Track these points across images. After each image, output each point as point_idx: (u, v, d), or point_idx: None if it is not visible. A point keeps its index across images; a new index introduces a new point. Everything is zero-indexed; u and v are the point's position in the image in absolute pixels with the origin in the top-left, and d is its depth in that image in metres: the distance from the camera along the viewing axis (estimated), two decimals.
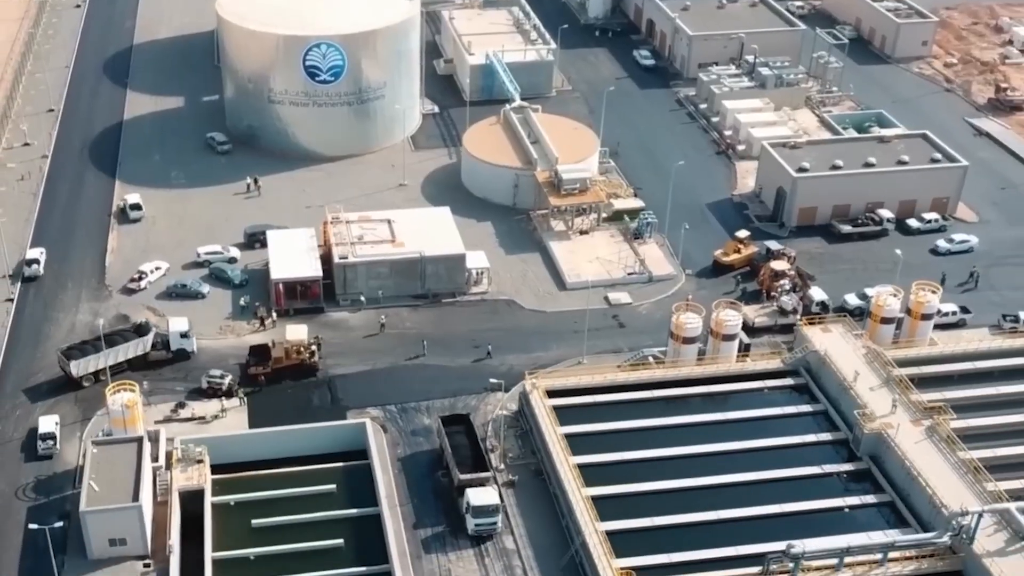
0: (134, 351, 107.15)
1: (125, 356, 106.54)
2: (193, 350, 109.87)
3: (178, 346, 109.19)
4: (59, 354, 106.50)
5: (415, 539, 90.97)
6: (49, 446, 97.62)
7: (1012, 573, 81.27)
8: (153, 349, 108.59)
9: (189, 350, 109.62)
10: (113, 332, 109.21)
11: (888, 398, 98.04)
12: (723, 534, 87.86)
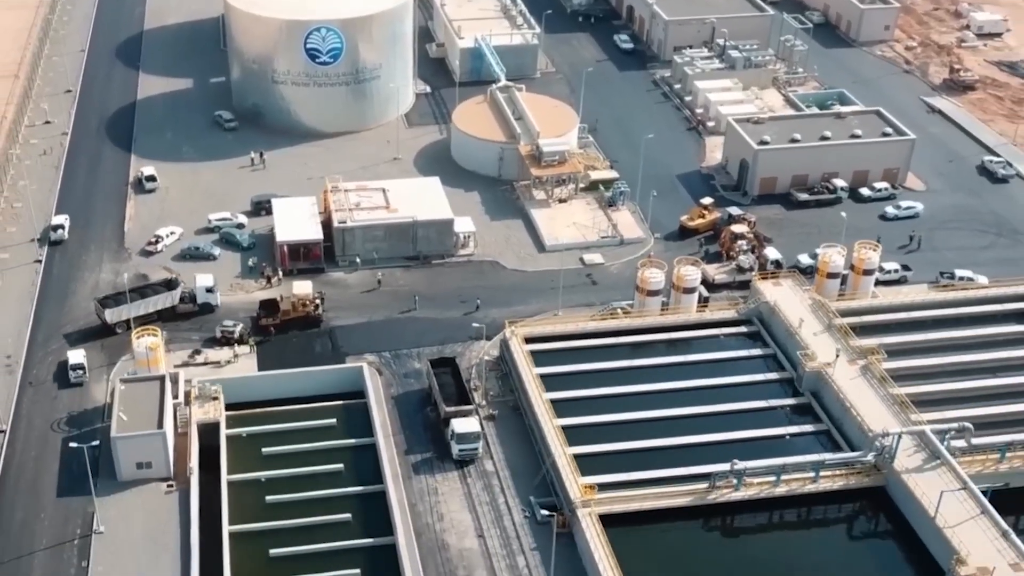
0: (163, 303, 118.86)
1: (155, 307, 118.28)
2: (217, 304, 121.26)
3: (204, 300, 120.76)
4: (95, 303, 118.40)
5: (406, 463, 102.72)
6: (79, 375, 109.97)
7: (927, 487, 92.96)
8: (181, 302, 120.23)
9: (214, 304, 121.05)
10: (144, 285, 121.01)
11: (829, 342, 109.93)
12: (677, 457, 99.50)
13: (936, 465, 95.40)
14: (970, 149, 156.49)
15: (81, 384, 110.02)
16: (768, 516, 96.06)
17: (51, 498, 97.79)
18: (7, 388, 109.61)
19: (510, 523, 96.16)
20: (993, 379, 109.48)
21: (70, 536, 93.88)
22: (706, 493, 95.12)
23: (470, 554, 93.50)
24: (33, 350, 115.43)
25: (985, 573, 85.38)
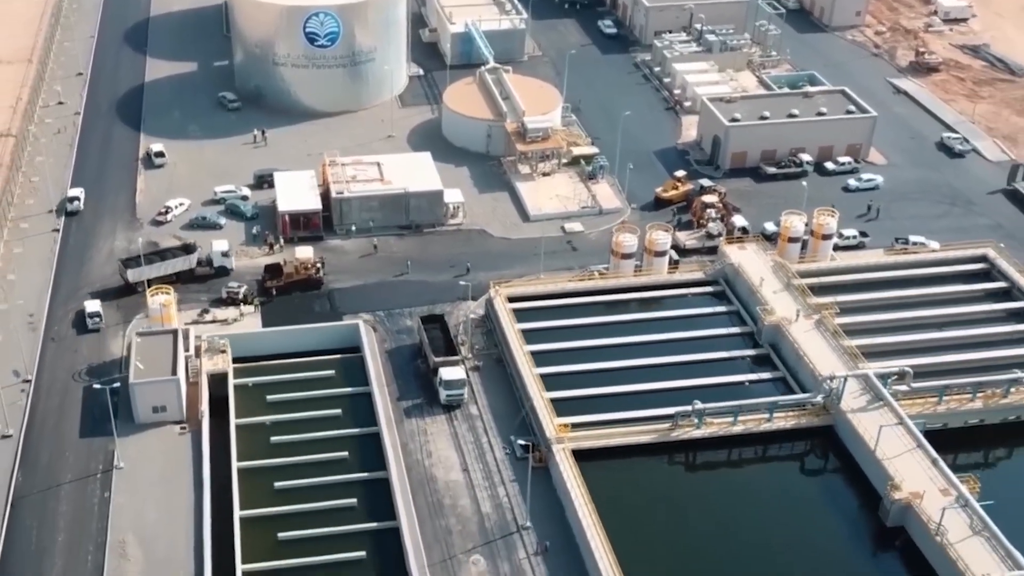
0: (182, 266, 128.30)
1: (174, 270, 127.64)
2: (232, 267, 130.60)
3: (220, 263, 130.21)
4: (119, 263, 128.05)
5: (398, 409, 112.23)
6: (96, 322, 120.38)
7: (869, 425, 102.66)
8: (198, 265, 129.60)
9: (228, 267, 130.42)
10: (164, 249, 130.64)
11: (788, 300, 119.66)
12: (645, 401, 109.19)
13: (878, 406, 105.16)
14: (931, 127, 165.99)
15: (98, 330, 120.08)
16: (727, 452, 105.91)
17: (74, 439, 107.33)
18: (31, 343, 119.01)
19: (492, 459, 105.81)
20: (939, 333, 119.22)
21: (93, 471, 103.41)
22: (669, 431, 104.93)
23: (455, 485, 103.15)
24: (54, 309, 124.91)
25: (916, 496, 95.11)
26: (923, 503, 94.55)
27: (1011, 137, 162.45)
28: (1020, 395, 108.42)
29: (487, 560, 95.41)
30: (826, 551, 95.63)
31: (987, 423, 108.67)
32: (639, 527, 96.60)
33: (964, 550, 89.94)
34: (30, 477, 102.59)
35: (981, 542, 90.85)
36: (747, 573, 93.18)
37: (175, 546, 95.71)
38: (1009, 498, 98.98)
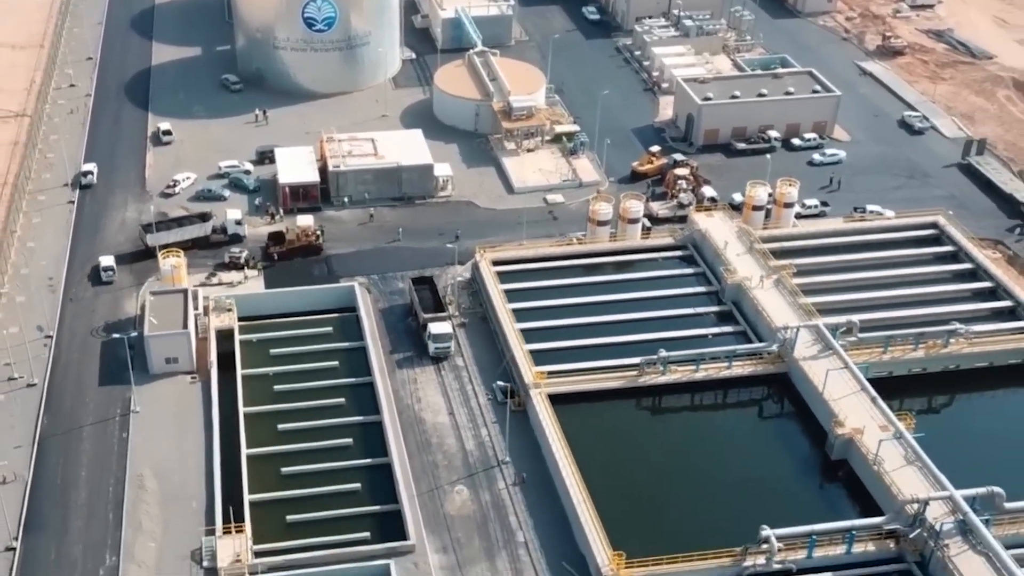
0: (198, 232, 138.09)
1: (190, 236, 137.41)
2: (245, 235, 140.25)
3: (234, 231, 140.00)
4: (140, 228, 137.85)
5: (391, 361, 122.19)
6: (110, 275, 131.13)
7: (818, 370, 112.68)
8: (213, 232, 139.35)
9: (242, 234, 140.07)
10: (182, 217, 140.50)
11: (750, 261, 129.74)
12: (616, 352, 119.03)
13: (828, 354, 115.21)
14: (894, 106, 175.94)
15: (111, 283, 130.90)
16: (689, 397, 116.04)
17: (94, 387, 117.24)
18: (51, 303, 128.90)
19: (475, 404, 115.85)
20: (889, 291, 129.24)
21: (112, 415, 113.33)
22: (637, 377, 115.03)
23: (442, 427, 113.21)
24: (71, 273, 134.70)
25: (857, 432, 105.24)
26: (863, 437, 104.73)
27: (968, 115, 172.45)
28: (959, 345, 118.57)
29: (470, 490, 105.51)
30: (778, 482, 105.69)
31: (929, 371, 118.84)
32: (607, 462, 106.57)
33: (897, 477, 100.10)
34: (54, 420, 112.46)
35: (913, 470, 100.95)
36: (706, 503, 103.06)
37: (188, 479, 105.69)
38: (942, 433, 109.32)
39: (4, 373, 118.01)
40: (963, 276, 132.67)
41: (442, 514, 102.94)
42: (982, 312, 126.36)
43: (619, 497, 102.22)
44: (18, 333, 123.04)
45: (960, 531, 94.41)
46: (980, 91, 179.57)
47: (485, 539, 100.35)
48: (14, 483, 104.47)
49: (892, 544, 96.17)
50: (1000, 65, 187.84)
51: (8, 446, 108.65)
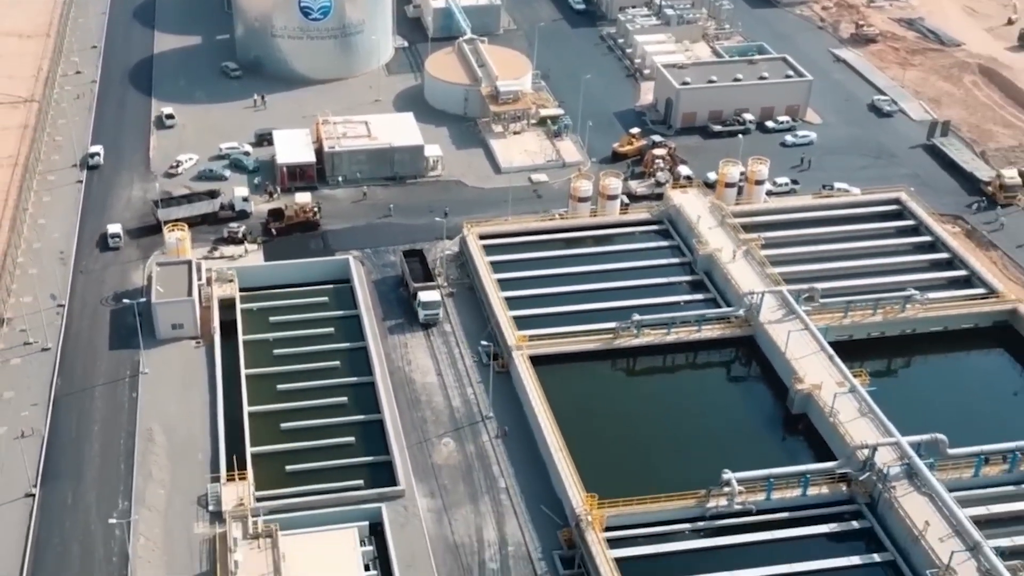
0: (207, 208, 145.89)
1: (199, 211, 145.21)
2: (251, 211, 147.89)
3: (241, 207, 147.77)
4: (152, 204, 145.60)
5: (383, 327, 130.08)
6: (116, 241, 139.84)
7: (781, 332, 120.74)
8: (221, 209, 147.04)
9: (248, 211, 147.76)
10: (192, 194, 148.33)
11: (721, 234, 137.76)
12: (593, 318, 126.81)
13: (791, 318, 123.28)
14: (864, 91, 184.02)
15: (117, 248, 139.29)
16: (661, 358, 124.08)
17: (104, 351, 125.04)
18: (63, 274, 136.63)
19: (462, 366, 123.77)
20: (852, 262, 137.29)
21: (122, 376, 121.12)
22: (612, 339, 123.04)
23: (430, 386, 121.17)
24: (81, 247, 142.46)
25: (816, 387, 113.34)
26: (821, 392, 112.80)
27: (935, 99, 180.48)
28: (915, 311, 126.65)
29: (456, 442, 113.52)
30: (742, 434, 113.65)
31: (887, 335, 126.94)
32: (583, 417, 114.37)
33: (850, 427, 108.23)
34: (68, 381, 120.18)
35: (865, 421, 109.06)
36: (674, 453, 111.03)
37: (194, 433, 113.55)
38: (895, 389, 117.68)
39: (20, 338, 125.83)
40: (922, 248, 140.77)
41: (430, 464, 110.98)
42: (938, 281, 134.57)
43: (594, 448, 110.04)
44: (32, 302, 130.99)
45: (906, 474, 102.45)
46: (947, 77, 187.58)
47: (469, 485, 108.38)
48: (32, 437, 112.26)
49: (844, 487, 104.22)
50: (967, 52, 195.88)
51: (25, 403, 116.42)
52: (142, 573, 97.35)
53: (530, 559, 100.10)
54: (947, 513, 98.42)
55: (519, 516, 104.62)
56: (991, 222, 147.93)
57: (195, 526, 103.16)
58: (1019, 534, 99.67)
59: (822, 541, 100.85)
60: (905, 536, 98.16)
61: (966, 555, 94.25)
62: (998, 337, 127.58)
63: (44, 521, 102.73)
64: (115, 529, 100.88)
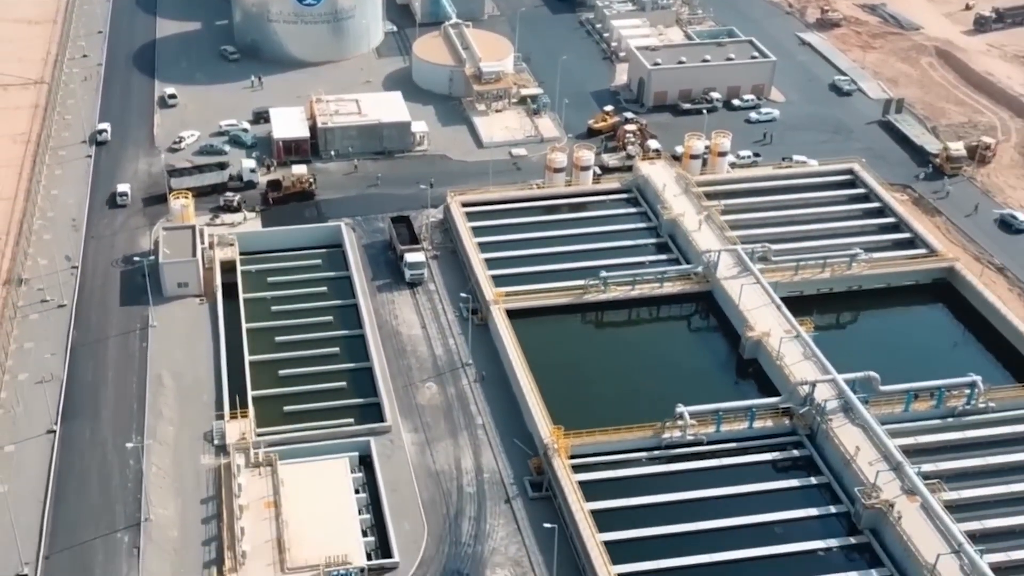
0: (217, 179, 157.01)
1: (210, 182, 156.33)
2: (258, 182, 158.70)
3: (248, 178, 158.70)
4: (166, 173, 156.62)
5: (372, 287, 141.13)
6: (124, 199, 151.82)
7: (735, 287, 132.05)
8: (230, 179, 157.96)
9: (255, 181, 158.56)
10: (203, 165, 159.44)
11: (685, 201, 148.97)
12: (566, 276, 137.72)
13: (745, 274, 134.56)
14: (827, 72, 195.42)
15: (125, 206, 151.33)
16: (627, 312, 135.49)
17: (116, 307, 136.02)
18: (75, 240, 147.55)
19: (444, 321, 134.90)
20: (806, 226, 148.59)
21: (133, 329, 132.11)
22: (582, 294, 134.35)
23: (416, 338, 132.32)
24: (92, 215, 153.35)
25: (765, 335, 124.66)
26: (769, 339, 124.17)
27: (893, 80, 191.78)
28: (860, 268, 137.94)
29: (438, 386, 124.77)
30: (698, 377, 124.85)
31: (835, 291, 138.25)
32: (554, 363, 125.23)
33: (794, 368, 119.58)
34: (83, 334, 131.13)
35: (808, 363, 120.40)
36: (636, 394, 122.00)
37: (200, 378, 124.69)
38: (838, 338, 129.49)
39: (37, 296, 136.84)
40: (871, 213, 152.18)
41: (414, 404, 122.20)
42: (885, 243, 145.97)
43: (562, 389, 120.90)
44: (48, 264, 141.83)
45: (842, 408, 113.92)
46: (905, 59, 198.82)
47: (450, 423, 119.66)
48: (51, 382, 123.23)
49: (787, 420, 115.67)
50: (926, 36, 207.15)
51: (44, 352, 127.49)
52: (155, 496, 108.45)
53: (503, 484, 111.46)
54: (876, 441, 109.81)
55: (494, 448, 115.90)
56: (938, 191, 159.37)
57: (202, 458, 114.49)
58: (943, 460, 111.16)
59: (766, 468, 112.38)
60: (839, 461, 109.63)
61: (890, 475, 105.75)
62: (937, 292, 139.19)
63: (65, 453, 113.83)
64: (129, 459, 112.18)
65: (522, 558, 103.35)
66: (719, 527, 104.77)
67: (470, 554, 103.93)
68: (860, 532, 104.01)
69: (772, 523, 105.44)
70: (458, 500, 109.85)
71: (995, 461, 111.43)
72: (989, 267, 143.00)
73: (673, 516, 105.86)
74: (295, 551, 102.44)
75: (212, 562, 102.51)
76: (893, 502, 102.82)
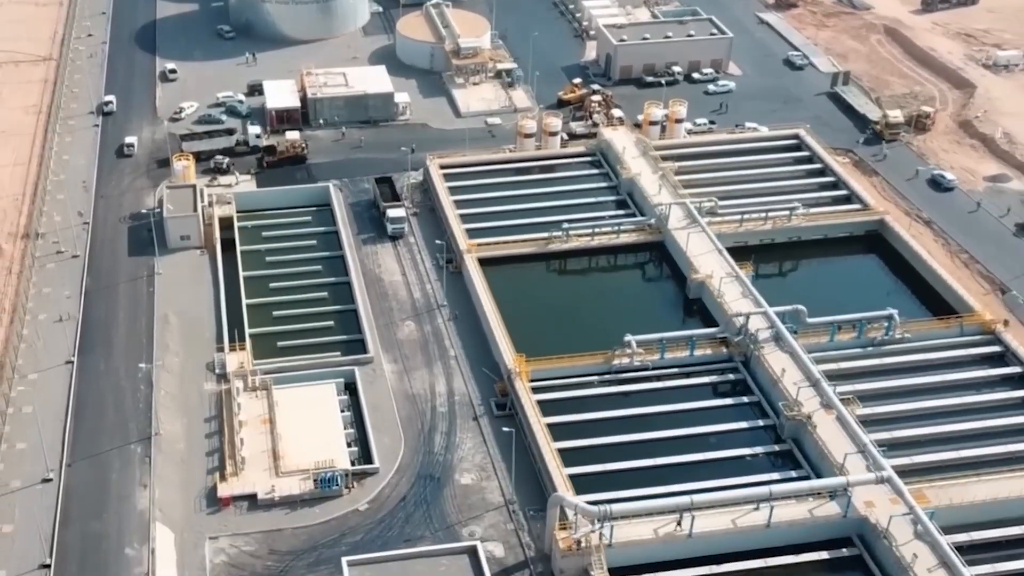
0: (224, 143, 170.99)
1: (219, 146, 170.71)
2: (263, 146, 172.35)
3: (254, 143, 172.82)
4: (178, 137, 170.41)
5: (357, 240, 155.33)
6: (131, 150, 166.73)
7: (683, 236, 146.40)
8: (237, 144, 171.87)
9: (260, 146, 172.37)
10: (212, 130, 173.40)
11: (643, 163, 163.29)
12: (533, 229, 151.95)
13: (694, 226, 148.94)
14: (782, 48, 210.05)
15: (131, 156, 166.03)
16: (588, 260, 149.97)
17: (124, 257, 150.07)
18: (87, 199, 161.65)
19: (423, 269, 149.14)
20: (751, 184, 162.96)
21: (140, 275, 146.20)
22: (546, 244, 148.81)
23: (396, 284, 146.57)
24: (100, 178, 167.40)
25: (708, 276, 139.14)
26: (711, 280, 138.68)
27: (843, 55, 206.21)
28: (799, 220, 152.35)
29: (415, 324, 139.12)
30: (647, 314, 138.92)
31: (776, 241, 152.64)
32: (519, 304, 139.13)
33: (733, 304, 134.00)
34: (95, 280, 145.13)
35: (746, 301, 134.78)
36: (591, 328, 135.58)
37: (202, 318, 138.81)
38: (776, 280, 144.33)
39: (52, 248, 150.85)
40: (813, 173, 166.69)
41: (394, 339, 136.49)
42: (824, 199, 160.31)
43: (526, 325, 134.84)
44: (61, 220, 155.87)
45: (773, 338, 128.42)
46: (856, 36, 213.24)
47: (425, 355, 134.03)
48: (68, 321, 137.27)
49: (724, 349, 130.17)
50: (876, 15, 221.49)
51: (61, 297, 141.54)
52: (164, 416, 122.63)
53: (471, 405, 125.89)
54: (801, 365, 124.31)
55: (464, 375, 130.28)
56: (876, 154, 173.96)
57: (204, 384, 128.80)
58: (861, 382, 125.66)
59: (705, 389, 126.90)
60: (768, 382, 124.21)
61: (811, 392, 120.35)
62: (868, 243, 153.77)
63: (82, 381, 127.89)
64: (140, 384, 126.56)
65: (487, 464, 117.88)
66: (661, 437, 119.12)
67: (441, 461, 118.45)
68: (784, 441, 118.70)
69: (708, 434, 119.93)
70: (431, 418, 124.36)
71: (906, 383, 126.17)
72: (917, 220, 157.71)
73: (620, 429, 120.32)
74: (288, 459, 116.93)
75: (215, 469, 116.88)
76: (811, 414, 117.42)
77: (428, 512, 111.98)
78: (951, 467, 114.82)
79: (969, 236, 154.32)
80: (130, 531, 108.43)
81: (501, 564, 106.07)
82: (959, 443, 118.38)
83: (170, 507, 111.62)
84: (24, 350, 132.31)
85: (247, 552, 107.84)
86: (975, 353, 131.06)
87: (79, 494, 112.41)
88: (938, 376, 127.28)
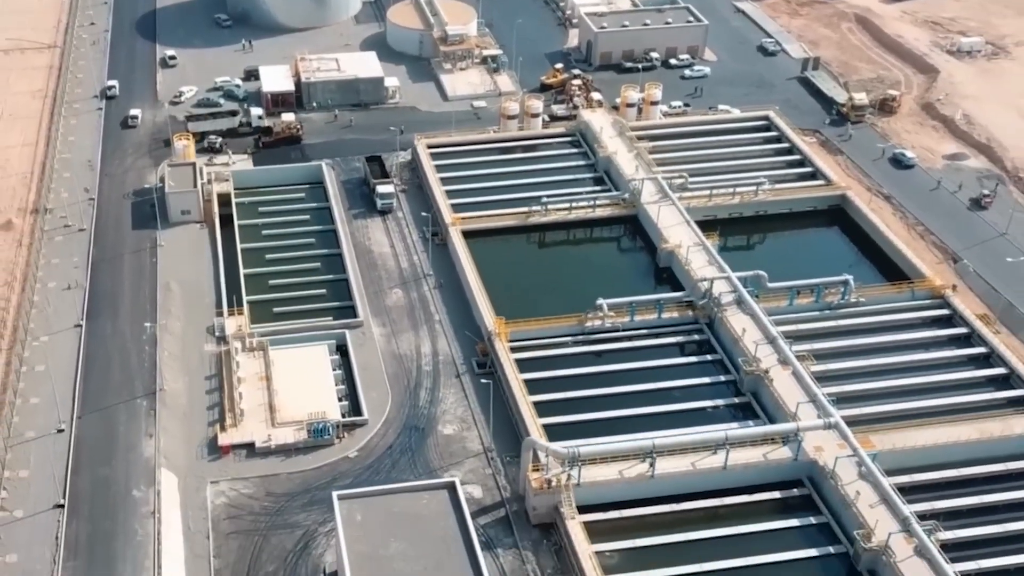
0: (228, 124, 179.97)
1: (223, 126, 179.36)
2: (264, 126, 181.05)
3: (257, 124, 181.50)
4: (185, 117, 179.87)
5: (349, 215, 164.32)
6: (135, 122, 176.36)
7: (655, 209, 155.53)
8: (240, 125, 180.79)
9: (264, 126, 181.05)
10: (217, 111, 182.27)
11: (619, 142, 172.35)
12: (510, 204, 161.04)
13: (665, 200, 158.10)
14: (757, 35, 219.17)
15: (135, 127, 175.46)
16: (565, 232, 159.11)
17: (128, 231, 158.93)
18: (92, 177, 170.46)
19: (410, 241, 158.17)
20: (721, 162, 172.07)
21: (143, 247, 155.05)
22: (526, 217, 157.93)
23: (385, 255, 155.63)
24: (105, 158, 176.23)
25: (677, 246, 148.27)
26: (680, 249, 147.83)
27: (815, 42, 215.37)
28: (765, 195, 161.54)
29: (403, 291, 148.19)
30: (619, 282, 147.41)
31: (744, 215, 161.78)
32: (500, 273, 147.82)
33: (699, 271, 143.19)
34: (102, 251, 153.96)
35: (712, 268, 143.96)
36: (567, 293, 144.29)
37: (202, 286, 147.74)
38: (741, 249, 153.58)
39: (60, 222, 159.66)
40: (780, 152, 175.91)
41: (383, 306, 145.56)
42: (790, 176, 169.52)
43: (506, 291, 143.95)
44: (68, 196, 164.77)
45: (735, 301, 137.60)
46: (828, 24, 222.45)
47: (412, 319, 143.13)
48: (76, 289, 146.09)
49: (690, 312, 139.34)
50: (848, 4, 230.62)
51: (69, 267, 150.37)
52: (168, 374, 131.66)
53: (454, 364, 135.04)
54: (761, 326, 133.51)
55: (447, 338, 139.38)
56: (842, 134, 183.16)
57: (205, 345, 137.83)
58: (816, 342, 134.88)
59: (671, 349, 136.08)
60: (730, 341, 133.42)
61: (769, 349, 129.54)
62: (831, 216, 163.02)
63: (91, 343, 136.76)
64: (145, 345, 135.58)
65: (467, 416, 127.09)
66: (629, 391, 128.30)
67: (425, 414, 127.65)
68: (743, 394, 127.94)
69: (672, 389, 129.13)
70: (417, 375, 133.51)
71: (859, 342, 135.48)
72: (878, 196, 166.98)
73: (591, 384, 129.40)
74: (283, 411, 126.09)
75: (215, 421, 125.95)
76: (768, 369, 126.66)
77: (413, 459, 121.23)
78: (897, 417, 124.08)
79: (926, 210, 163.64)
80: (137, 476, 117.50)
81: (480, 504, 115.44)
82: (906, 396, 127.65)
83: (174, 455, 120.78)
84: (36, 315, 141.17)
85: (246, 494, 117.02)
86: (925, 316, 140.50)
87: (89, 443, 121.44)
88: (889, 336, 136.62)
